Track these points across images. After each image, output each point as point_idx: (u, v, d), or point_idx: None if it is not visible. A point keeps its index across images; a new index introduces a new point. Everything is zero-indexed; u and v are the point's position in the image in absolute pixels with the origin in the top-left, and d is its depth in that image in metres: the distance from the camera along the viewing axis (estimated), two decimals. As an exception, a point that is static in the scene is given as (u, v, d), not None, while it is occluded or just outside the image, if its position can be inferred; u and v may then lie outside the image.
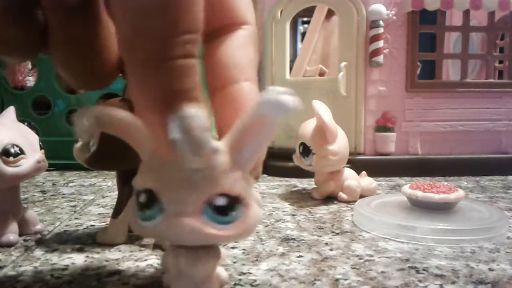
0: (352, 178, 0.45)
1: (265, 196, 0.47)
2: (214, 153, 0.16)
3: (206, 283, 0.19)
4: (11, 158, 0.29)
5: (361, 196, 0.44)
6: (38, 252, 0.29)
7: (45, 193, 0.49)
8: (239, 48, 0.19)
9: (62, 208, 0.42)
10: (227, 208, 0.17)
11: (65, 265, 0.27)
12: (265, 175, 0.60)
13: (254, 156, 0.17)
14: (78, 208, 0.42)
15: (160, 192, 0.17)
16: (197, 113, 0.15)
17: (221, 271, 0.23)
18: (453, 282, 0.25)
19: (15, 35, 0.17)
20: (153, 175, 0.17)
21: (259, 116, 0.16)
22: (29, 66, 0.72)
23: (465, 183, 0.56)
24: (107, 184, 0.54)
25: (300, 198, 0.46)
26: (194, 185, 0.16)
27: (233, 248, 0.30)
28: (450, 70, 0.78)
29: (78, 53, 0.18)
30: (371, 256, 0.29)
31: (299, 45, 1.54)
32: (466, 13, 0.61)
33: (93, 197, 0.47)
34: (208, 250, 0.19)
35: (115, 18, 0.15)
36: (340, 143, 0.43)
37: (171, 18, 0.14)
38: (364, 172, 0.48)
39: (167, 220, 0.17)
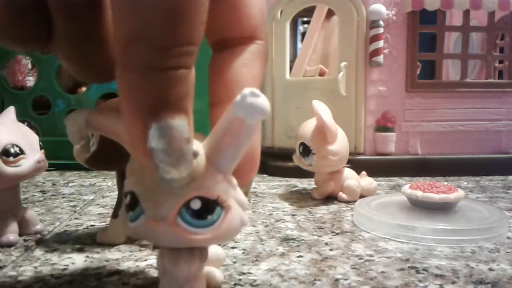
0: (352, 178, 0.45)
1: (265, 196, 0.47)
2: (192, 162, 0.16)
3: (190, 283, 0.19)
4: (11, 158, 0.29)
5: (361, 196, 0.44)
6: (38, 252, 0.29)
7: (45, 193, 0.49)
8: (245, 64, 0.19)
9: (62, 208, 0.42)
10: (204, 211, 0.17)
11: (65, 265, 0.27)
12: (265, 175, 0.60)
13: (234, 159, 0.17)
14: (78, 208, 0.42)
15: (139, 195, 0.17)
16: (180, 124, 0.15)
17: (216, 273, 0.23)
18: (453, 282, 0.25)
19: (21, 30, 0.17)
20: (134, 177, 0.17)
21: (234, 118, 0.16)
22: (29, 66, 0.72)
23: (465, 183, 0.56)
24: (107, 184, 0.54)
25: (300, 198, 0.46)
26: (171, 188, 0.16)
27: (233, 248, 0.30)
28: (450, 70, 0.78)
29: (81, 48, 0.18)
30: (371, 256, 0.29)
31: (299, 45, 1.54)
32: (466, 13, 0.61)
33: (93, 197, 0.47)
34: (192, 251, 0.19)
35: (114, 20, 0.15)
36: (340, 143, 0.43)
37: (171, 28, 0.14)
38: (364, 172, 0.48)
39: (146, 223, 0.17)
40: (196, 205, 0.16)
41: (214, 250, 0.22)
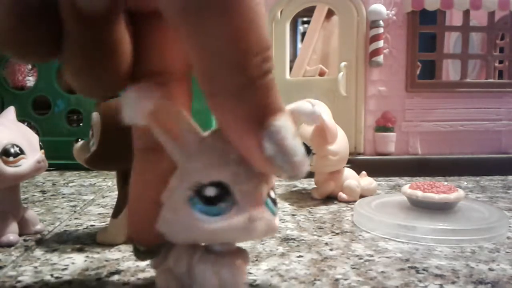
0: (352, 178, 0.45)
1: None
2: (305, 154, 0.16)
3: None
4: (11, 158, 0.29)
5: (361, 196, 0.44)
6: (38, 252, 0.29)
7: (45, 193, 0.49)
8: None
9: (62, 208, 0.42)
10: (276, 200, 0.18)
11: (65, 265, 0.27)
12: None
13: None
14: (78, 208, 0.42)
15: (233, 185, 0.17)
16: (285, 123, 0.16)
17: None
18: (453, 282, 0.25)
19: (28, 39, 0.17)
20: (224, 168, 0.17)
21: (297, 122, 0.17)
22: (29, 66, 0.72)
23: (465, 183, 0.56)
24: (107, 184, 0.54)
25: (300, 198, 0.46)
26: (264, 177, 0.17)
27: (233, 248, 0.30)
28: (450, 70, 0.78)
29: (91, 63, 0.18)
30: (371, 256, 0.29)
31: (299, 45, 1.54)
32: (466, 13, 0.61)
33: (93, 197, 0.47)
34: (243, 257, 0.19)
35: (191, 53, 0.16)
36: (340, 143, 0.43)
37: (244, 43, 0.15)
38: (364, 172, 0.48)
39: (242, 212, 0.17)
40: (272, 194, 0.18)
41: None
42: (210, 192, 0.17)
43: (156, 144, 0.18)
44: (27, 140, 0.31)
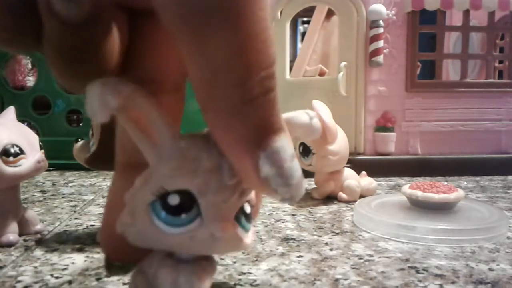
0: (352, 178, 0.45)
1: (265, 196, 0.47)
2: (302, 175, 0.16)
3: None
4: (11, 158, 0.29)
5: (361, 196, 0.44)
6: (38, 252, 0.29)
7: (45, 193, 0.49)
8: None
9: (62, 208, 0.42)
10: (248, 214, 0.17)
11: (65, 265, 0.27)
12: (265, 175, 0.60)
13: None
14: (78, 208, 0.42)
15: (200, 196, 0.16)
16: (284, 144, 0.15)
17: None
18: (453, 282, 0.25)
19: (13, 26, 0.16)
20: (192, 176, 0.16)
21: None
22: (29, 66, 0.72)
23: (465, 183, 0.56)
24: (107, 184, 0.54)
25: (300, 198, 0.46)
26: (235, 191, 0.16)
27: (233, 248, 0.30)
28: (450, 70, 0.78)
29: (69, 63, 0.17)
30: (371, 256, 0.29)
31: (299, 45, 1.54)
32: (466, 13, 0.61)
33: (93, 197, 0.47)
34: (205, 266, 0.18)
35: (189, 67, 0.15)
36: (340, 143, 0.43)
37: (247, 58, 0.14)
38: (364, 172, 0.48)
39: (206, 226, 0.15)
40: (247, 209, 0.17)
41: None
42: (174, 200, 0.15)
43: (141, 160, 0.16)
44: (27, 140, 0.31)
